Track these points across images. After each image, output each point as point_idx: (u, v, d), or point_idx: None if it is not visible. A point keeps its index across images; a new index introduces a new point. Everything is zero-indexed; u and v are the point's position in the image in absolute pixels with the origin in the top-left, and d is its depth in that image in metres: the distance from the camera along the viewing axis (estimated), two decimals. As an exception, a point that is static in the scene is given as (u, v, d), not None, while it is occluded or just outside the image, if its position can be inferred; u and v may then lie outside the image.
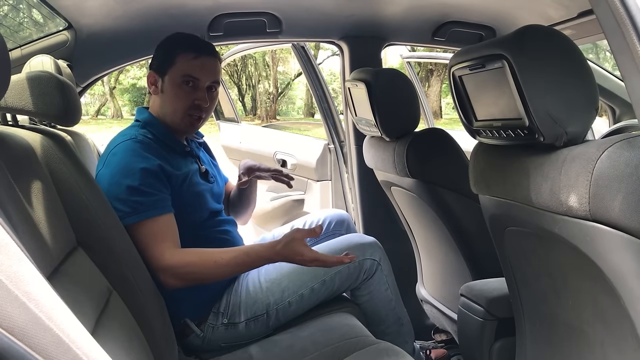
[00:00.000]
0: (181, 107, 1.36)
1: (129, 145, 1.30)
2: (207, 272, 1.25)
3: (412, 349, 1.64)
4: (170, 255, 1.22)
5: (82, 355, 0.43)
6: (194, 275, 1.25)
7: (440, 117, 15.38)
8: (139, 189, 1.24)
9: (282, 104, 20.43)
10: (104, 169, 1.29)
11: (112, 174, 1.26)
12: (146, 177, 1.25)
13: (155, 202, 1.25)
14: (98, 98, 18.81)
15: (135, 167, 1.26)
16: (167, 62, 1.36)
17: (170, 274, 1.22)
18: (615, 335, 0.89)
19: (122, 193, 1.23)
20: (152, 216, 1.24)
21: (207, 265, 1.24)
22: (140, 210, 1.23)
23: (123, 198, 1.23)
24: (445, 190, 1.54)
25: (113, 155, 1.30)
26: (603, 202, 0.78)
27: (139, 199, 1.23)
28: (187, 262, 1.24)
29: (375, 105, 1.59)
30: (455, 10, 1.89)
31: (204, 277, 1.27)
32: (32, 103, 1.07)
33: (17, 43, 1.68)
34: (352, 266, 1.47)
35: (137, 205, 1.23)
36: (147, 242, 1.22)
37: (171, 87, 1.36)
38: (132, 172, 1.25)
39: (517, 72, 0.89)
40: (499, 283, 1.36)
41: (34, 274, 0.45)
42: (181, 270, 1.23)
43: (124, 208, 1.22)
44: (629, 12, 0.70)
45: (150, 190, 1.25)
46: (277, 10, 1.79)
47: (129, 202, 1.23)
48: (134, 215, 1.23)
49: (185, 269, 1.24)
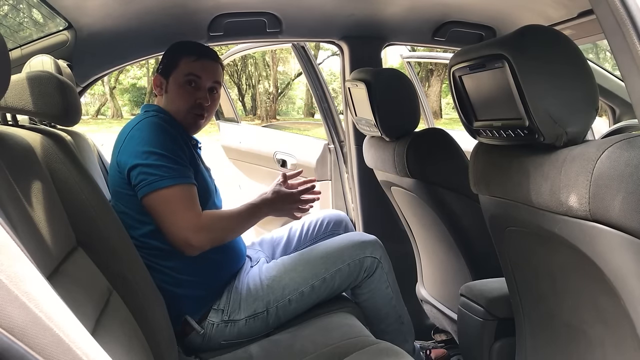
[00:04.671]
0: (184, 105, 1.43)
1: (154, 120, 1.35)
2: (235, 227, 1.39)
3: (412, 348, 1.64)
4: (205, 215, 1.31)
5: (82, 355, 0.43)
6: (225, 233, 1.36)
7: (440, 117, 15.38)
8: (169, 156, 1.28)
9: (282, 104, 20.43)
10: (127, 144, 1.32)
11: (141, 144, 1.30)
12: (175, 148, 1.31)
13: (184, 170, 1.30)
14: (98, 98, 18.80)
15: (164, 137, 1.31)
16: (171, 66, 1.44)
17: (206, 232, 1.28)
18: (615, 335, 0.89)
19: (154, 160, 1.27)
20: (185, 182, 1.29)
21: (234, 220, 1.37)
22: (173, 176, 1.27)
23: (156, 164, 1.27)
24: (445, 190, 1.54)
25: (137, 130, 1.33)
26: (603, 202, 0.78)
27: (172, 165, 1.28)
28: (219, 218, 1.36)
29: (375, 105, 1.59)
30: (456, 10, 1.89)
31: (232, 233, 1.39)
32: (32, 103, 1.07)
33: (17, 43, 1.68)
34: (353, 264, 1.47)
35: (170, 170, 1.27)
36: (181, 205, 1.27)
37: (175, 87, 1.43)
38: (161, 142, 1.29)
39: (517, 72, 0.88)
40: (499, 283, 1.36)
41: (34, 274, 0.45)
42: (216, 226, 1.33)
43: (157, 172, 1.26)
44: (629, 12, 0.70)
45: (179, 159, 1.30)
46: (277, 10, 1.79)
47: (162, 168, 1.27)
48: (168, 179, 1.26)
49: (219, 224, 1.34)
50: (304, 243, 1.71)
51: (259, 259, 1.57)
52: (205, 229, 1.28)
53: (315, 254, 1.48)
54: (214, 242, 1.31)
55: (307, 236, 1.72)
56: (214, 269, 1.39)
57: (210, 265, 1.38)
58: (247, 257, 1.56)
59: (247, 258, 1.55)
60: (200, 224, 1.28)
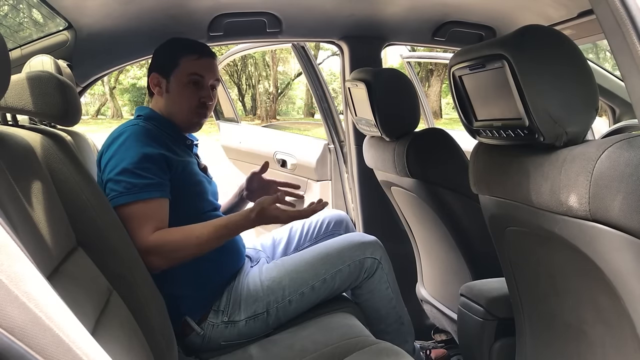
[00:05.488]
0: (188, 105, 1.42)
1: (132, 130, 1.34)
2: (190, 249, 1.26)
3: (412, 348, 1.64)
4: (154, 236, 1.23)
5: (82, 355, 0.43)
6: (177, 254, 1.26)
7: (440, 117, 15.38)
8: (133, 171, 1.26)
9: (282, 104, 20.43)
10: (105, 155, 1.32)
11: (112, 157, 1.29)
12: (144, 162, 1.27)
13: (148, 185, 1.27)
14: (98, 98, 18.81)
15: (135, 151, 1.28)
16: (171, 64, 1.42)
17: (154, 254, 1.22)
18: (615, 335, 0.89)
19: (118, 174, 1.26)
20: (143, 198, 1.25)
21: (190, 241, 1.26)
22: (131, 192, 1.25)
23: (118, 179, 1.25)
24: (445, 190, 1.54)
25: (114, 139, 1.33)
26: (603, 202, 0.78)
27: (133, 180, 1.25)
28: (169, 240, 1.25)
29: (375, 105, 1.59)
30: (456, 10, 1.89)
31: (187, 254, 1.27)
32: (32, 103, 1.07)
33: (17, 43, 1.68)
34: (353, 265, 1.47)
35: (129, 186, 1.25)
36: (134, 223, 1.23)
37: (178, 87, 1.42)
38: (130, 156, 1.27)
39: (517, 72, 0.89)
40: (499, 283, 1.36)
41: (34, 274, 0.45)
42: (165, 249, 1.23)
43: (117, 188, 1.25)
44: (629, 12, 0.70)
45: (146, 174, 1.27)
46: (277, 10, 1.79)
47: (122, 183, 1.25)
48: (125, 196, 1.24)
49: (169, 246, 1.24)
50: (305, 243, 1.71)
51: (259, 259, 1.57)
52: (152, 251, 1.22)
53: (316, 255, 1.48)
54: (169, 262, 1.25)
55: (308, 236, 1.72)
56: (213, 269, 1.39)
57: (210, 265, 1.38)
58: (247, 257, 1.56)
59: (247, 258, 1.55)
60: (148, 245, 1.21)
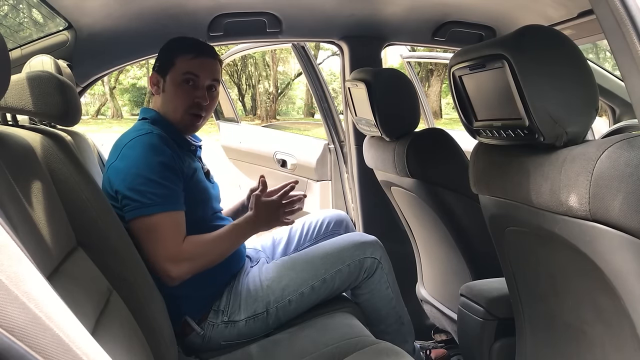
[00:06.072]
0: (181, 105, 1.39)
1: (147, 139, 1.31)
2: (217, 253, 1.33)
3: (412, 348, 1.64)
4: (187, 244, 1.28)
5: (82, 355, 0.43)
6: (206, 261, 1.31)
7: (440, 117, 15.38)
8: (157, 181, 1.25)
9: (282, 104, 20.42)
10: (118, 162, 1.29)
11: (129, 166, 1.27)
12: (164, 171, 1.27)
13: (172, 195, 1.27)
14: (98, 98, 18.80)
15: (154, 160, 1.27)
16: (168, 64, 1.41)
17: (188, 260, 1.26)
18: (615, 335, 0.89)
19: (140, 185, 1.25)
20: (169, 210, 1.26)
21: (215, 245, 1.32)
22: (157, 203, 1.24)
23: (141, 190, 1.24)
24: (446, 190, 1.54)
25: (129, 148, 1.30)
26: (603, 202, 0.78)
27: (158, 191, 1.25)
28: (203, 243, 1.31)
29: (375, 105, 1.59)
30: (456, 10, 1.89)
31: (214, 259, 1.33)
32: (32, 103, 1.07)
33: (17, 43, 1.68)
34: (353, 265, 1.47)
35: (155, 197, 1.24)
36: (165, 233, 1.24)
37: (172, 86, 1.40)
38: (151, 165, 1.26)
39: (517, 72, 0.88)
40: (499, 283, 1.36)
41: (34, 274, 0.45)
42: (196, 255, 1.29)
43: (141, 199, 1.23)
44: (629, 12, 0.70)
45: (168, 183, 1.27)
46: (277, 10, 1.79)
47: (147, 194, 1.24)
48: (152, 207, 1.24)
49: (203, 249, 1.30)
50: (304, 243, 1.70)
51: (259, 259, 1.57)
52: (186, 259, 1.26)
53: (315, 255, 1.48)
54: (194, 271, 1.29)
55: (308, 236, 1.71)
56: (213, 269, 1.39)
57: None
58: (247, 257, 1.55)
59: (247, 258, 1.55)
60: (181, 254, 1.25)
